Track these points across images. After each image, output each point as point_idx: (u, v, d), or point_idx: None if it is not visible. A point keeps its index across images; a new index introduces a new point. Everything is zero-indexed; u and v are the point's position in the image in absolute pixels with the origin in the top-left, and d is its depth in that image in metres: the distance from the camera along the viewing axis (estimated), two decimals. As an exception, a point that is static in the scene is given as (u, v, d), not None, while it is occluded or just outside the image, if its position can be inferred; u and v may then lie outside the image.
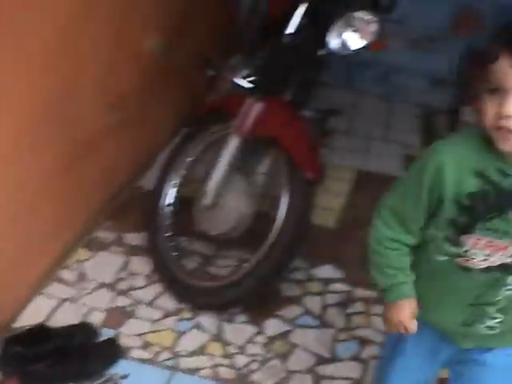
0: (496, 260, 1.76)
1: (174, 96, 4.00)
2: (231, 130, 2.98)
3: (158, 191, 3.23)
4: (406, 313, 1.90)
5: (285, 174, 2.91)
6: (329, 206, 3.73)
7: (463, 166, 1.70)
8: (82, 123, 3.17)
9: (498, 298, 1.82)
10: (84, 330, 2.85)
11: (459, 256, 1.79)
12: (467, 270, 1.79)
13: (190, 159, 3.22)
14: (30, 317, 2.94)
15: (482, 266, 1.78)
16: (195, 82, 3.90)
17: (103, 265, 3.26)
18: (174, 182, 3.21)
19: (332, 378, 2.82)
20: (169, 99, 3.95)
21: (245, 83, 3.12)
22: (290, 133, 2.93)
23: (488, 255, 1.76)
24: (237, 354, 2.88)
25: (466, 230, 1.74)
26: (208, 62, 3.52)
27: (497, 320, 1.85)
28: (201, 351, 2.88)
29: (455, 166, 1.71)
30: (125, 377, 2.73)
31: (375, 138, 4.47)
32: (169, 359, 2.83)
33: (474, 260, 1.78)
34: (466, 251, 1.77)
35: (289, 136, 2.91)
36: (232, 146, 2.97)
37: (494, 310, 1.84)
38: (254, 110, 2.93)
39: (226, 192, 2.99)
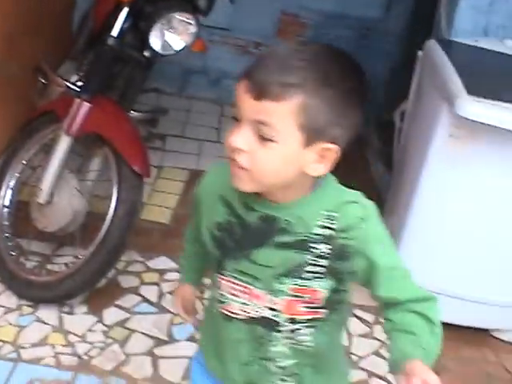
0: (253, 311, 1.59)
1: (8, 108, 4.06)
2: (61, 131, 3.11)
3: (-6, 194, 3.32)
4: (179, 299, 1.94)
5: (114, 170, 3.07)
6: (164, 204, 3.92)
7: (215, 192, 1.60)
8: None
9: (272, 355, 1.63)
10: None
11: (219, 301, 1.64)
12: (229, 319, 1.63)
13: (24, 161, 3.32)
14: None
15: (241, 317, 1.61)
16: (29, 92, 3.99)
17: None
18: (9, 184, 3.31)
19: (170, 357, 2.99)
20: (3, 112, 4.02)
21: (75, 87, 3.27)
22: (118, 130, 3.10)
23: (244, 304, 1.60)
24: (77, 342, 3.00)
25: (220, 268, 1.60)
26: (39, 71, 3.65)
27: None
28: (42, 342, 2.98)
29: (211, 192, 1.62)
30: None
31: (208, 140, 4.69)
32: (11, 352, 2.92)
33: (231, 307, 1.62)
34: (222, 295, 1.63)
35: (116, 133, 3.08)
36: (62, 145, 3.10)
37: (279, 370, 1.65)
38: (82, 109, 3.07)
39: (59, 190, 3.12)
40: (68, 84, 3.36)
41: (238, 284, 1.58)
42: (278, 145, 1.41)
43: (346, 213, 1.50)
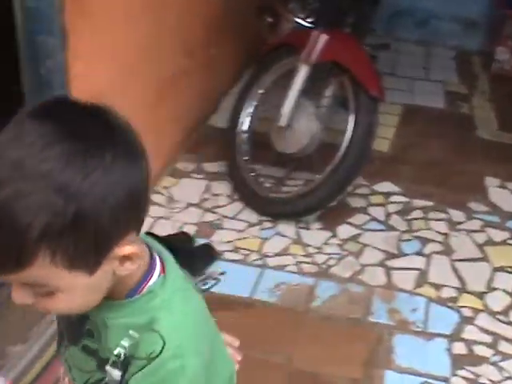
0: None
1: (235, 45, 4.40)
2: (300, 61, 3.37)
3: (234, 120, 3.64)
4: None
5: (351, 95, 3.31)
6: (383, 135, 4.13)
7: None
8: (166, 64, 3.57)
9: None
10: (182, 237, 3.28)
11: None
12: None
13: (261, 91, 3.62)
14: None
15: None
16: (253, 30, 4.30)
17: (188, 189, 3.68)
18: (248, 111, 3.62)
19: (400, 269, 3.22)
20: (230, 49, 4.36)
21: (305, 23, 3.53)
22: (354, 58, 3.34)
23: None
24: (316, 253, 3.29)
25: (58, 351, 1.39)
26: (264, 10, 3.93)
27: None
28: (284, 252, 3.29)
29: None
30: (222, 273, 3.14)
31: (417, 79, 4.87)
32: (257, 259, 3.24)
33: None
34: None
35: (353, 60, 3.32)
36: (301, 74, 3.37)
37: None
38: (320, 40, 3.32)
39: (297, 115, 3.39)
40: (298, 20, 3.61)
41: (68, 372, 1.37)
42: (63, 293, 1.11)
43: (142, 340, 1.20)
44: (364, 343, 2.88)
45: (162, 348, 1.17)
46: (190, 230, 3.39)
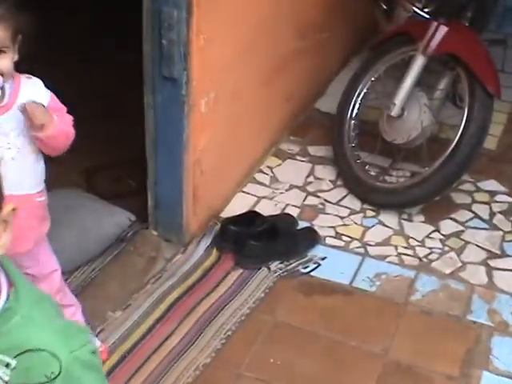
0: None
1: (346, 30, 4.38)
2: (417, 51, 3.33)
3: (344, 106, 3.63)
4: None
5: (466, 89, 3.26)
6: (490, 132, 4.04)
7: None
8: (278, 44, 3.57)
9: None
10: (286, 218, 3.29)
11: None
12: None
13: (373, 78, 3.60)
14: (234, 209, 3.39)
15: None
16: (365, 16, 4.27)
17: (292, 171, 3.69)
18: (358, 98, 3.60)
19: (503, 269, 3.17)
20: (341, 33, 4.33)
21: (423, 12, 3.49)
22: (473, 51, 3.28)
23: None
24: (417, 246, 3.27)
25: None
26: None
27: None
28: (386, 242, 3.28)
29: None
30: (323, 258, 3.15)
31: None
32: (358, 247, 3.23)
33: None
34: None
35: (472, 54, 3.26)
36: (417, 64, 3.33)
37: None
38: (439, 32, 3.28)
39: (409, 106, 3.36)
40: (416, 9, 3.57)
41: None
42: None
43: (29, 365, 1.08)
44: (462, 341, 2.85)
45: (60, 365, 1.09)
46: (293, 211, 3.40)
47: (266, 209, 3.39)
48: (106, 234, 3.16)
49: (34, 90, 2.22)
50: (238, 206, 3.42)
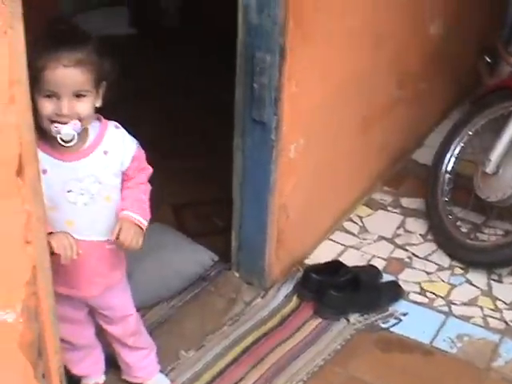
0: None
1: (446, 83, 4.30)
2: (514, 107, 3.24)
3: (439, 159, 3.56)
4: None
5: None
6: None
7: None
8: (375, 93, 3.53)
9: None
10: (370, 270, 3.22)
11: None
12: None
13: (471, 132, 3.51)
14: (319, 257, 3.35)
15: None
16: (466, 69, 4.19)
17: (382, 221, 3.63)
18: (454, 151, 3.52)
19: None
20: (441, 85, 4.26)
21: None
22: None
23: None
24: (505, 309, 3.14)
25: None
26: (485, 51, 3.82)
27: None
28: (472, 302, 3.17)
29: None
30: (405, 314, 3.06)
31: None
32: (443, 305, 3.13)
33: None
34: None
35: None
36: (515, 121, 3.23)
37: None
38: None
39: (506, 163, 3.26)
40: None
41: None
42: None
43: None
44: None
45: None
46: (379, 263, 3.33)
47: (352, 259, 3.33)
48: (187, 272, 3.16)
49: (118, 139, 2.21)
50: (323, 253, 3.38)
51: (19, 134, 1.59)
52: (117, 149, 2.19)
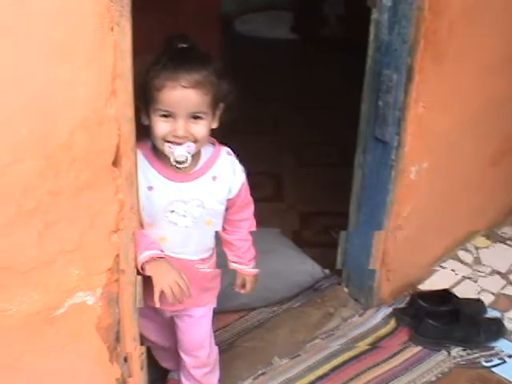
0: None
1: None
2: None
3: None
4: None
5: None
6: None
7: None
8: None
9: None
10: (474, 303, 3.13)
11: None
12: None
13: None
14: (435, 283, 3.31)
15: None
16: None
17: (499, 255, 3.52)
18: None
19: None
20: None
21: None
22: None
23: None
24: None
25: None
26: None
27: None
28: None
29: None
30: (511, 356, 2.94)
31: None
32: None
33: None
34: None
35: None
36: None
37: None
38: None
39: None
40: None
41: None
42: None
43: None
44: None
45: None
46: (487, 298, 3.23)
47: (462, 289, 3.24)
48: (294, 281, 3.17)
49: (229, 166, 2.17)
50: (438, 280, 3.33)
51: (118, 126, 1.63)
52: (226, 176, 2.16)
